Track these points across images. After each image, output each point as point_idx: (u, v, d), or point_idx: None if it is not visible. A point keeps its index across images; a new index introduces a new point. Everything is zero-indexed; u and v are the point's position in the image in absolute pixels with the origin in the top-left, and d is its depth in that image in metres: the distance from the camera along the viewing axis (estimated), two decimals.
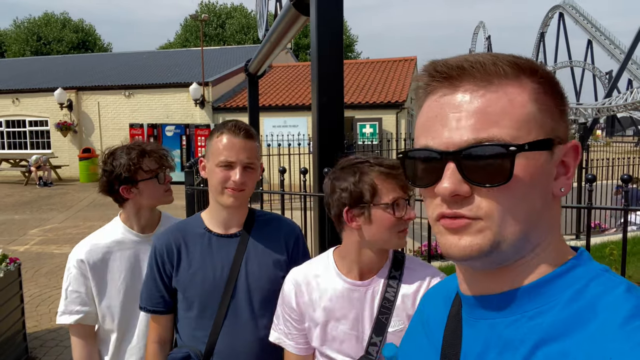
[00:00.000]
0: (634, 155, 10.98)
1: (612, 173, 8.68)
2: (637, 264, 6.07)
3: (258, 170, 1.58)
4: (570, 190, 0.65)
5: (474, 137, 0.57)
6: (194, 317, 1.56)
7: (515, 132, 0.57)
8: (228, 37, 39.27)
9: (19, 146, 19.41)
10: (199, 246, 1.58)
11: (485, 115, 0.58)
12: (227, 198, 1.52)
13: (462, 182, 0.58)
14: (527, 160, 0.57)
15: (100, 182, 1.86)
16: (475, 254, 0.58)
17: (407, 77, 17.34)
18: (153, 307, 1.62)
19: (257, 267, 1.57)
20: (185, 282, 1.56)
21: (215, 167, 1.51)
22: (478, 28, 74.01)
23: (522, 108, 0.58)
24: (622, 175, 1.84)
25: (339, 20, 3.39)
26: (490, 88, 0.58)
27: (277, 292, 1.56)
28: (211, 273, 1.55)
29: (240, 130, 1.52)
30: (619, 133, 55.83)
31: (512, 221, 0.58)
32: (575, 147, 0.62)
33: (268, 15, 7.12)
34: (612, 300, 0.54)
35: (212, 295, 1.54)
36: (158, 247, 1.60)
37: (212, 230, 1.60)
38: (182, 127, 16.46)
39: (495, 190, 0.57)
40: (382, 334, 1.30)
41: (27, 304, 4.29)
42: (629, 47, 47.12)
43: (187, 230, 1.62)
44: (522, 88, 0.59)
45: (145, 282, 1.65)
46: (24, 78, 20.59)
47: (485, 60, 0.59)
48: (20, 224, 9.69)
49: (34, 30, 39.36)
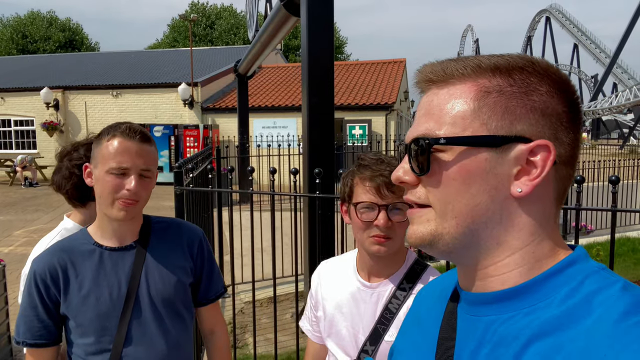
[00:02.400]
0: (619, 157, 11.14)
1: (598, 175, 8.78)
2: (623, 265, 6.16)
3: (154, 180, 1.41)
4: None
5: (416, 132, 0.64)
6: (91, 342, 1.39)
7: (450, 128, 0.61)
8: (216, 38, 39.13)
9: (4, 146, 19.13)
10: (89, 264, 1.40)
11: (429, 111, 0.64)
12: (117, 211, 1.34)
13: (409, 171, 0.64)
14: (458, 155, 0.60)
15: (72, 180, 1.69)
16: (418, 242, 0.64)
17: (397, 79, 17.42)
18: (34, 339, 1.39)
19: (159, 277, 1.44)
20: (76, 307, 1.37)
21: (105, 174, 1.33)
22: (466, 31, 74.69)
23: (461, 105, 0.61)
24: (610, 176, 1.86)
25: (330, 21, 3.39)
26: (444, 88, 0.63)
27: (184, 301, 1.50)
28: (107, 291, 1.38)
29: (136, 133, 1.35)
30: (604, 136, 56.64)
31: (451, 214, 0.61)
32: (544, 146, 0.58)
33: (258, 16, 7.11)
34: (607, 297, 0.54)
35: (110, 315, 1.38)
36: (39, 271, 1.38)
37: (103, 244, 1.42)
38: (170, 127, 16.35)
39: (431, 181, 0.62)
40: (376, 343, 1.29)
41: (12, 306, 4.22)
42: (614, 52, 47.94)
43: (72, 248, 1.42)
44: (472, 87, 0.61)
45: (22, 311, 1.41)
46: (9, 77, 20.31)
47: (452, 65, 0.63)
48: (5, 225, 9.55)
49: (20, 28, 38.85)
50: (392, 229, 1.24)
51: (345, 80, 17.71)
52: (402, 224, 1.24)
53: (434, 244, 0.63)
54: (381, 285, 1.33)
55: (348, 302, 1.36)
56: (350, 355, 1.34)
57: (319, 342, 1.50)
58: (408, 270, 1.34)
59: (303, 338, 1.72)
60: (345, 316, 1.36)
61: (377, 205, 1.23)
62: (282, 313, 4.48)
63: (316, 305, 1.48)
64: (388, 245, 1.25)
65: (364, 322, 1.33)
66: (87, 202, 1.77)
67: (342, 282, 1.40)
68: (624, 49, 38.78)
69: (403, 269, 1.34)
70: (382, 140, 12.68)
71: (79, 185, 1.71)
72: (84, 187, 1.71)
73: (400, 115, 16.63)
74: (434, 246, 0.63)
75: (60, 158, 1.77)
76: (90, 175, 1.40)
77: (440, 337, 0.69)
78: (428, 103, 0.64)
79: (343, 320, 1.36)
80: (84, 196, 1.75)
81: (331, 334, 1.40)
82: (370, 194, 1.24)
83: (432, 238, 0.63)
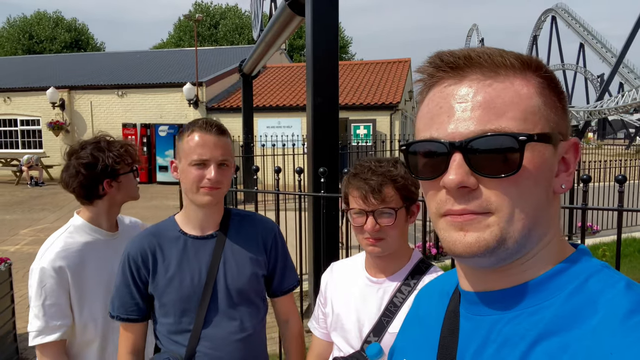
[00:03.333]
0: (625, 157, 11.08)
1: (604, 175, 8.73)
2: (629, 265, 6.12)
3: (232, 168, 1.54)
4: None
5: (481, 128, 0.56)
6: (173, 322, 1.51)
7: (522, 124, 0.56)
8: (221, 38, 39.19)
9: (11, 145, 19.23)
10: (174, 250, 1.53)
11: (493, 106, 0.57)
12: (202, 197, 1.47)
13: (469, 174, 0.57)
14: (534, 153, 0.57)
15: (78, 179, 1.71)
16: (482, 250, 0.57)
17: (402, 78, 17.39)
18: (127, 314, 1.54)
19: (236, 267, 1.54)
20: (162, 288, 1.50)
21: (188, 166, 1.46)
22: (472, 31, 74.45)
23: (529, 100, 0.58)
24: (616, 176, 1.84)
25: (335, 21, 3.39)
26: (498, 79, 0.58)
27: (258, 291, 1.60)
28: (188, 277, 1.50)
29: (212, 127, 1.48)
30: (610, 136, 56.33)
31: (520, 215, 0.57)
32: (576, 145, 0.62)
33: (263, 16, 7.11)
34: (612, 296, 0.54)
35: (191, 299, 1.50)
36: (132, 253, 1.53)
37: (187, 232, 1.55)
38: (175, 127, 16.38)
39: (503, 183, 0.56)
40: (379, 334, 1.35)
41: (18, 304, 4.25)
42: (620, 51, 47.65)
43: (161, 234, 1.55)
44: (528, 81, 0.59)
45: (117, 289, 1.55)
46: (15, 77, 20.42)
47: (492, 52, 0.59)
48: (11, 224, 9.60)
49: (26, 28, 39.06)
50: (383, 231, 1.32)
51: (349, 80, 17.69)
52: (392, 225, 1.32)
53: (495, 250, 0.57)
54: (387, 281, 1.40)
55: (355, 297, 1.43)
56: (354, 346, 1.39)
57: (325, 338, 1.55)
58: (413, 268, 1.41)
59: (307, 337, 1.73)
60: (351, 310, 1.42)
61: (364, 212, 1.32)
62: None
63: (325, 302, 1.53)
64: (381, 245, 1.33)
65: (369, 315, 1.38)
66: (94, 199, 1.78)
67: (351, 280, 1.47)
68: (630, 48, 38.55)
69: (408, 266, 1.41)
70: (387, 140, 12.66)
71: (85, 184, 1.73)
72: (90, 185, 1.74)
73: (404, 115, 16.60)
74: (495, 253, 0.58)
75: (68, 156, 1.80)
76: (175, 169, 1.53)
77: (442, 337, 0.68)
78: (481, 95, 0.57)
79: (349, 315, 1.42)
80: (91, 194, 1.77)
81: (337, 328, 1.46)
82: (359, 201, 1.33)
83: (497, 245, 0.57)
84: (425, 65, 0.62)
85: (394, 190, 1.31)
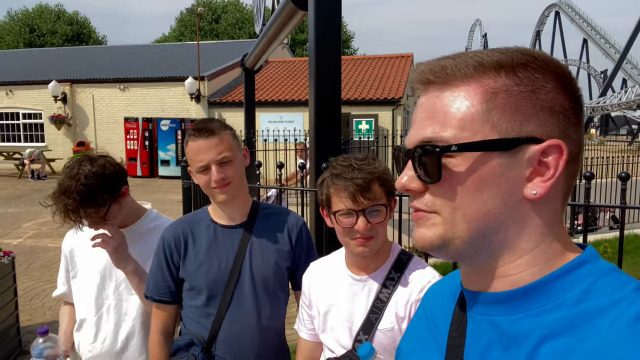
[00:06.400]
0: (628, 154, 11.04)
1: (607, 172, 8.71)
2: (631, 262, 6.12)
3: (237, 159, 1.59)
4: None
5: (420, 136, 0.61)
6: (199, 305, 1.60)
7: (459, 132, 0.58)
8: (222, 32, 39.06)
9: (13, 139, 19.26)
10: (205, 237, 1.62)
11: (433, 115, 0.61)
12: (218, 196, 1.57)
13: (414, 178, 0.62)
14: (468, 161, 0.58)
15: (99, 186, 1.66)
16: (427, 246, 0.62)
17: (404, 73, 17.33)
18: (159, 296, 1.64)
19: (261, 257, 1.61)
20: (192, 272, 1.60)
21: (195, 173, 1.57)
22: (475, 26, 74.17)
23: (468, 108, 0.58)
24: (619, 173, 1.84)
25: (337, 15, 3.37)
26: (446, 89, 0.61)
27: (280, 282, 1.65)
28: (216, 263, 1.59)
29: (202, 132, 1.53)
30: (613, 132, 56.14)
31: (462, 219, 0.59)
32: (557, 146, 0.57)
33: (265, 10, 7.09)
34: (620, 299, 0.53)
35: (217, 284, 1.58)
36: (167, 238, 1.64)
37: (217, 221, 1.64)
38: (177, 121, 16.37)
39: (441, 188, 0.60)
40: (369, 332, 1.34)
41: (21, 297, 4.27)
42: (624, 47, 47.43)
43: (194, 221, 1.66)
44: (478, 88, 0.58)
45: (151, 271, 1.67)
46: (17, 70, 20.42)
47: (451, 63, 0.61)
48: (14, 217, 9.63)
49: (28, 22, 38.99)
50: (373, 229, 1.31)
51: (352, 75, 17.65)
52: (382, 222, 1.31)
53: (443, 248, 0.61)
54: (371, 277, 1.38)
55: (341, 297, 1.41)
56: (346, 346, 1.38)
57: (312, 339, 1.54)
58: (395, 261, 1.40)
59: None
60: (339, 311, 1.41)
61: (354, 211, 1.29)
62: (289, 307, 4.50)
63: (309, 304, 1.52)
64: (371, 244, 1.32)
65: (358, 314, 1.38)
66: None
67: (334, 279, 1.45)
68: (634, 44, 38.32)
69: (390, 260, 1.40)
70: (389, 135, 12.65)
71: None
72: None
73: (407, 110, 16.56)
74: (444, 250, 0.62)
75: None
76: (192, 175, 1.62)
77: (449, 338, 0.68)
78: (430, 105, 0.61)
79: (337, 315, 1.41)
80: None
81: (326, 329, 1.44)
82: (347, 202, 1.29)
83: (442, 242, 0.61)
84: (414, 77, 0.67)
85: (380, 187, 1.29)
